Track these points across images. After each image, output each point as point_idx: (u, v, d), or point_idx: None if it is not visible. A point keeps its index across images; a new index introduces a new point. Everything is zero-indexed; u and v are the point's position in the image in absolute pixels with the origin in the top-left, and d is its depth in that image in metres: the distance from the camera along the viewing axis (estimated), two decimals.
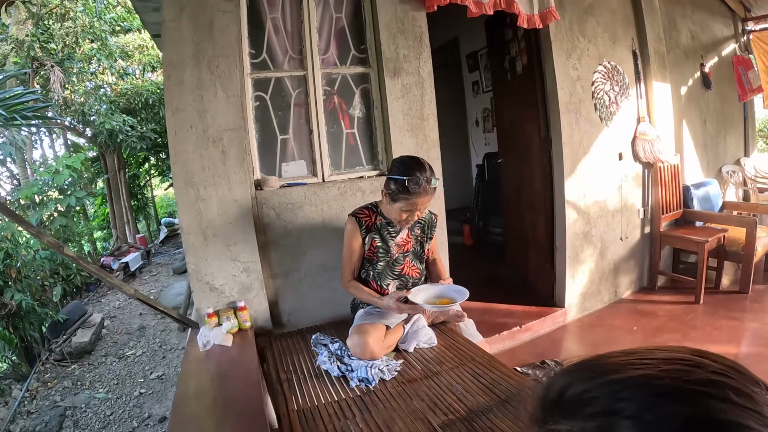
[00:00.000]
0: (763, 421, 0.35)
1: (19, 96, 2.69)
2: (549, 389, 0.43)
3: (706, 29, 4.52)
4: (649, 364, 0.40)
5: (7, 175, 8.89)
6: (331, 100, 2.80)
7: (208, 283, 2.47)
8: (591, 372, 0.42)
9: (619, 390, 0.39)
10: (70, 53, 7.23)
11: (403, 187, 2.00)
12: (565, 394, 0.41)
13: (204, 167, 2.41)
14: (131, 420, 3.88)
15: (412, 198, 2.01)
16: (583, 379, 0.41)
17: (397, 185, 2.02)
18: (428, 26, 2.90)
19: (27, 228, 2.44)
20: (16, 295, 4.88)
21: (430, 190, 2.03)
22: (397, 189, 2.03)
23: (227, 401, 1.76)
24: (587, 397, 0.40)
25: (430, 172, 2.04)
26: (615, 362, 0.42)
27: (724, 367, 0.39)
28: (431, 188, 2.03)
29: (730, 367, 0.39)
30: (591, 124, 3.48)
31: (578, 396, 0.41)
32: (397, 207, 2.06)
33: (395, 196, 2.05)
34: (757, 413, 0.36)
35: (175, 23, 2.37)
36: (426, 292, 2.15)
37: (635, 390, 0.38)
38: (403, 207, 2.05)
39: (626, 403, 0.37)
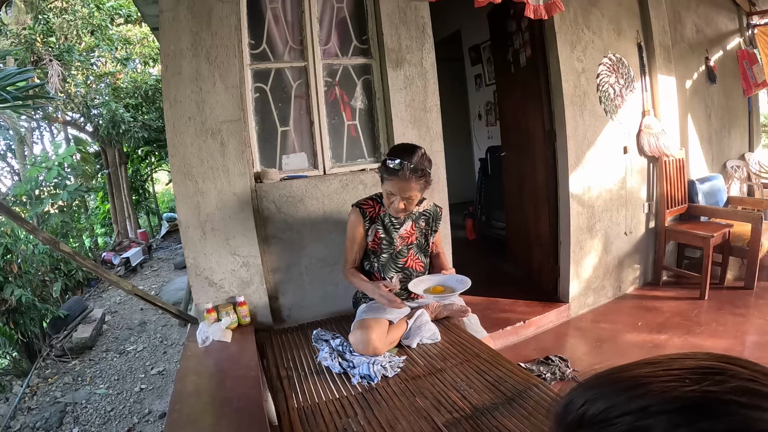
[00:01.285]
0: None
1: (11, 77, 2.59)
2: (568, 408, 0.40)
3: (710, 23, 4.47)
4: (674, 375, 0.37)
5: (8, 170, 8.88)
6: (333, 91, 2.75)
7: (207, 278, 2.43)
8: (613, 387, 0.39)
9: (646, 406, 0.35)
10: (70, 46, 7.18)
11: (386, 166, 2.02)
12: (587, 413, 0.38)
13: (203, 159, 2.37)
14: (132, 416, 3.86)
15: (391, 179, 2.01)
16: (606, 396, 0.38)
17: (382, 165, 2.05)
18: (430, 19, 2.85)
19: (22, 224, 2.41)
20: (16, 291, 4.87)
21: (413, 178, 1.99)
22: (382, 168, 2.06)
23: (226, 399, 1.72)
24: (612, 416, 0.36)
25: (421, 160, 2.01)
26: (638, 375, 0.39)
27: (754, 374, 0.36)
28: (415, 176, 1.99)
29: (758, 372, 0.36)
30: (596, 117, 3.44)
31: (601, 414, 0.37)
32: (384, 189, 2.08)
33: (381, 176, 2.07)
34: None
35: (173, 13, 2.33)
36: (427, 282, 2.12)
37: (663, 405, 0.35)
38: (387, 188, 2.05)
39: (655, 419, 0.34)
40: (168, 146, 2.37)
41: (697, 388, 0.35)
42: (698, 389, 0.35)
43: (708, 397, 0.34)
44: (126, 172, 8.76)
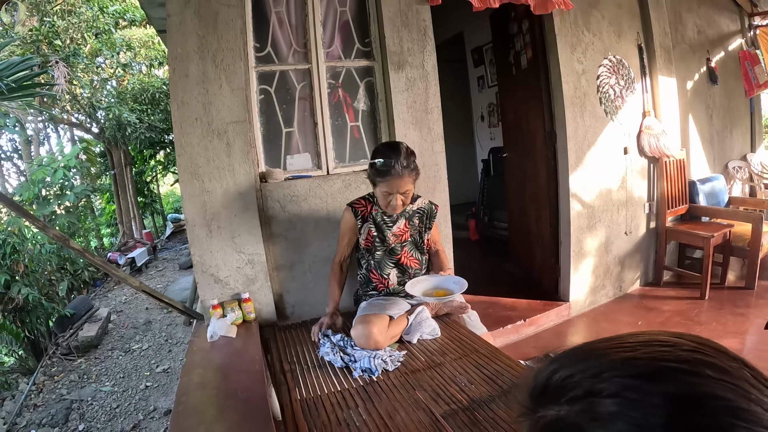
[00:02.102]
0: (739, 392, 0.36)
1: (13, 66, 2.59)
2: (536, 377, 0.44)
3: (712, 24, 4.49)
4: (628, 346, 0.42)
5: (15, 171, 8.98)
6: (336, 93, 2.80)
7: (212, 275, 2.49)
8: (575, 358, 0.43)
9: (600, 372, 0.40)
10: (75, 49, 7.26)
11: (376, 169, 2.08)
12: (551, 380, 0.42)
13: (209, 159, 2.42)
14: (137, 413, 3.91)
15: (385, 179, 2.07)
16: (567, 365, 0.42)
17: (372, 169, 2.11)
18: (433, 21, 2.90)
19: (33, 222, 2.47)
20: (23, 290, 4.92)
21: (405, 173, 2.07)
22: (372, 172, 2.12)
23: (230, 392, 1.77)
24: (571, 382, 0.41)
25: (407, 155, 2.09)
26: (597, 347, 0.43)
27: (699, 345, 0.40)
28: (405, 170, 2.06)
29: (705, 345, 0.40)
30: (596, 118, 3.48)
31: (562, 381, 0.42)
32: (378, 191, 2.13)
33: (373, 180, 2.13)
34: (733, 385, 0.37)
35: (180, 17, 2.38)
36: (424, 283, 2.17)
37: (615, 371, 0.39)
38: (382, 190, 2.11)
39: (607, 383, 0.38)
40: (175, 146, 2.42)
41: (644, 357, 0.39)
42: (646, 357, 0.39)
43: (655, 364, 0.38)
44: (131, 173, 8.83)
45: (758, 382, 0.38)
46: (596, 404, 0.38)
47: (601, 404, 0.38)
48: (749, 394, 0.36)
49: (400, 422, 1.56)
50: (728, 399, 0.36)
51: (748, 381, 0.37)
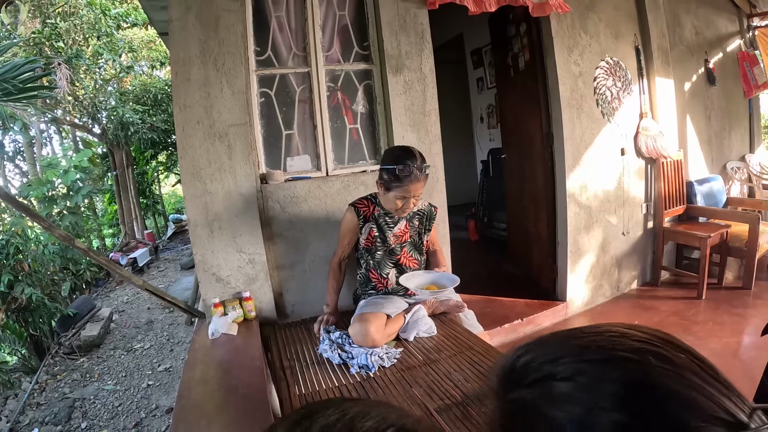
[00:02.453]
0: (682, 380, 0.40)
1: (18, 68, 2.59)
2: (504, 363, 0.49)
3: (710, 25, 4.52)
4: (584, 335, 0.46)
5: (17, 172, 9.04)
6: (335, 96, 2.85)
7: (214, 274, 2.53)
8: (537, 345, 0.48)
9: (557, 357, 0.44)
10: (78, 50, 7.32)
11: (394, 175, 2.07)
12: (516, 365, 0.47)
13: (210, 161, 2.47)
14: (139, 411, 3.95)
15: (404, 185, 2.08)
16: (531, 351, 0.47)
17: (389, 174, 2.10)
18: (432, 23, 2.94)
19: (39, 221, 2.51)
20: (26, 290, 4.97)
21: (422, 177, 2.10)
22: (390, 178, 2.10)
23: (231, 387, 1.82)
24: (532, 366, 0.45)
25: (421, 159, 2.11)
26: (558, 335, 0.48)
27: (648, 337, 0.44)
28: (422, 175, 2.10)
29: (655, 336, 0.44)
30: (593, 119, 3.51)
31: (525, 365, 0.46)
32: (392, 196, 2.14)
33: (388, 185, 2.12)
34: (676, 374, 0.40)
35: (182, 22, 2.42)
36: (419, 278, 2.23)
37: (570, 357, 0.43)
38: (397, 195, 2.12)
39: (562, 367, 0.43)
40: (178, 149, 2.47)
41: (598, 345, 0.44)
42: (599, 346, 0.44)
43: (605, 352, 0.43)
44: (133, 174, 8.88)
45: (703, 371, 0.41)
46: (552, 387, 0.42)
47: (556, 387, 0.42)
48: (691, 382, 0.40)
49: None
50: (669, 386, 0.39)
51: (692, 370, 0.41)
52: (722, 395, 0.39)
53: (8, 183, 9.09)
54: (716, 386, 0.40)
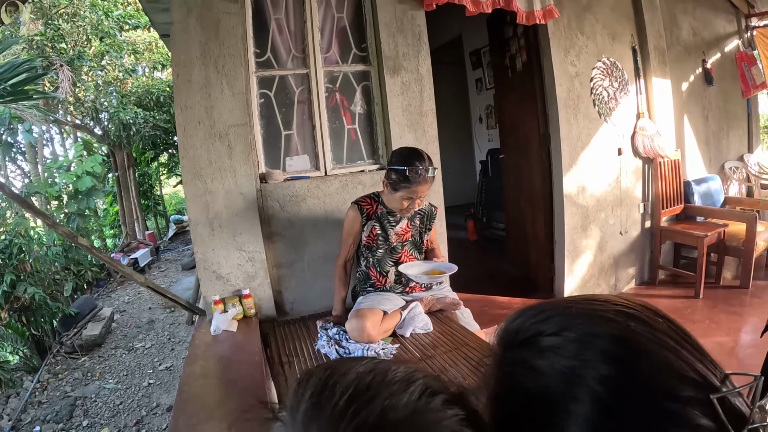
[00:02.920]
0: (659, 342, 0.44)
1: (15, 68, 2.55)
2: (501, 328, 0.54)
3: (708, 25, 4.53)
4: (572, 300, 0.51)
5: (19, 173, 9.08)
6: (333, 97, 2.89)
7: (214, 272, 2.57)
8: (530, 309, 0.52)
9: (546, 318, 0.49)
10: (80, 52, 7.36)
11: (404, 176, 2.10)
12: (510, 326, 0.52)
13: (211, 161, 2.51)
14: (140, 409, 3.98)
15: (412, 186, 2.11)
16: (524, 314, 0.52)
17: (398, 175, 2.13)
18: (432, 24, 2.99)
19: (43, 219, 2.55)
20: (29, 289, 5.00)
21: (429, 179, 2.14)
22: (398, 179, 2.13)
23: (231, 381, 1.86)
24: (524, 326, 0.50)
25: (429, 161, 2.15)
26: (550, 301, 0.53)
27: (630, 303, 0.48)
28: (430, 177, 2.14)
29: (636, 303, 0.48)
30: (590, 119, 3.54)
31: (518, 325, 0.51)
32: (399, 196, 2.17)
33: (396, 186, 2.15)
34: (654, 336, 0.44)
35: (183, 24, 2.47)
36: (418, 267, 2.29)
37: (557, 316, 0.48)
38: (404, 195, 2.15)
39: (549, 324, 0.48)
40: (179, 149, 2.51)
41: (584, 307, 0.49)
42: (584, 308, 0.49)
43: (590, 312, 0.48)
44: (134, 175, 8.92)
45: (679, 336, 0.45)
46: (540, 341, 0.47)
47: (544, 341, 0.47)
48: (667, 344, 0.44)
49: None
50: (646, 345, 0.43)
51: (668, 334, 0.45)
52: (695, 359, 0.43)
53: (10, 183, 9.13)
54: (690, 350, 0.44)
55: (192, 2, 2.48)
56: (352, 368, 0.46)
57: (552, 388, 0.44)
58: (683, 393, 0.41)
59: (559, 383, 0.44)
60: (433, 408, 0.43)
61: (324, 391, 0.43)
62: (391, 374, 0.45)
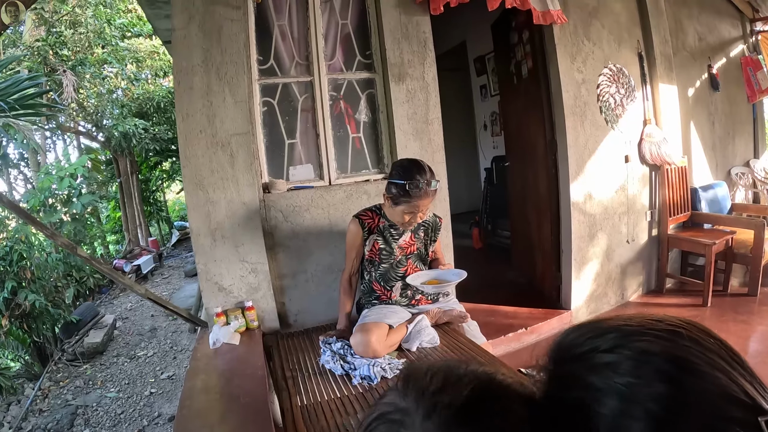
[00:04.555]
0: (708, 360, 0.45)
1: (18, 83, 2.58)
2: (554, 342, 0.54)
3: (713, 30, 4.51)
4: (626, 317, 0.52)
5: (21, 179, 9.07)
6: (338, 104, 2.85)
7: (216, 284, 2.53)
8: (584, 325, 0.53)
9: (600, 334, 0.49)
10: (82, 59, 7.37)
11: (404, 190, 2.05)
12: (563, 343, 0.52)
13: (213, 171, 2.48)
14: (141, 419, 3.94)
15: (413, 200, 2.06)
16: (577, 330, 0.52)
17: (398, 189, 2.08)
18: (435, 31, 2.95)
19: (42, 230, 2.52)
20: (30, 296, 4.98)
21: (431, 192, 2.09)
22: (398, 192, 2.08)
23: (233, 396, 1.82)
24: (578, 342, 0.51)
25: (430, 174, 2.09)
26: (602, 318, 0.53)
27: (680, 322, 0.49)
28: (431, 190, 2.08)
29: (685, 322, 0.50)
30: (596, 126, 3.50)
31: (571, 342, 0.51)
32: (399, 210, 2.11)
33: (397, 200, 2.10)
34: (704, 354, 0.45)
35: (185, 31, 2.44)
36: (424, 276, 2.23)
37: (612, 333, 0.49)
38: (405, 210, 2.10)
39: (605, 342, 0.48)
40: (180, 158, 2.48)
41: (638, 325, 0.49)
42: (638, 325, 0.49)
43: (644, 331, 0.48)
44: (137, 181, 8.91)
45: (729, 357, 0.46)
46: (595, 357, 0.48)
47: (598, 357, 0.47)
48: (717, 364, 0.45)
49: None
50: (697, 364, 0.44)
51: (719, 354, 0.46)
52: (745, 380, 0.44)
53: (13, 189, 9.12)
54: (741, 372, 0.45)
55: (194, 9, 2.45)
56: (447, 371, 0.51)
57: (606, 404, 0.45)
58: (733, 414, 0.42)
59: (613, 399, 0.45)
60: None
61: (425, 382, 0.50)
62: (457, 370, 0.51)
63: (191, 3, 2.45)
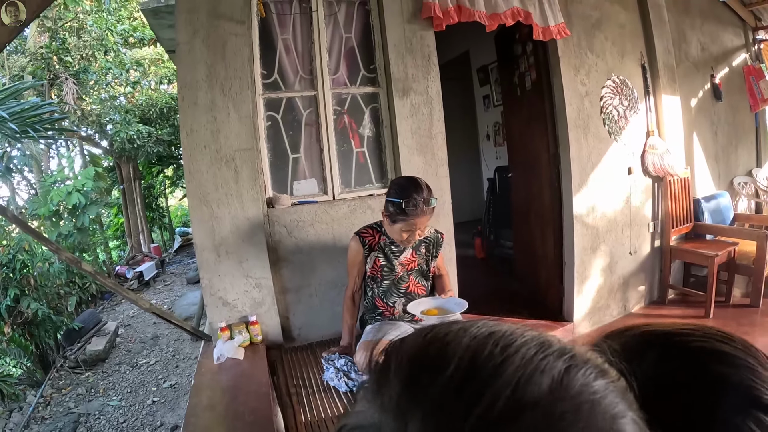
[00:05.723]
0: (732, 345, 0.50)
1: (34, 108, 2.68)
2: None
3: (716, 40, 4.51)
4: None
5: (25, 185, 9.08)
6: (342, 119, 2.86)
7: (220, 298, 2.54)
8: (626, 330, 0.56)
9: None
10: (86, 66, 7.40)
11: (401, 209, 2.05)
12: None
13: (217, 186, 2.48)
14: (144, 428, 3.95)
15: (410, 218, 2.06)
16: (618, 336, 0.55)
17: (395, 207, 2.07)
18: (438, 40, 2.95)
19: (47, 244, 2.53)
20: (32, 304, 5.00)
21: (428, 210, 2.08)
22: (395, 211, 2.08)
23: (238, 413, 1.82)
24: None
25: (428, 191, 2.09)
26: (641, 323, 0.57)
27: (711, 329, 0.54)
28: (429, 209, 2.08)
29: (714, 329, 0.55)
30: (599, 139, 3.50)
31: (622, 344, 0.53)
32: (397, 228, 2.11)
33: (394, 218, 2.10)
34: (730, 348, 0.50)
35: (189, 45, 2.45)
36: (426, 304, 2.22)
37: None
38: (402, 228, 2.10)
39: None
40: (185, 173, 2.49)
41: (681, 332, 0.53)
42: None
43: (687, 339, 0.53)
44: (140, 187, 8.93)
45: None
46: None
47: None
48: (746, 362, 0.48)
49: None
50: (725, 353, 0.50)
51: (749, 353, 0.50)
52: None
53: (16, 194, 9.13)
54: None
55: (198, 23, 2.46)
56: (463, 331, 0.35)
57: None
58: None
59: None
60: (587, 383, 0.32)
61: (427, 363, 0.33)
62: (518, 337, 0.35)
63: (195, 17, 2.45)
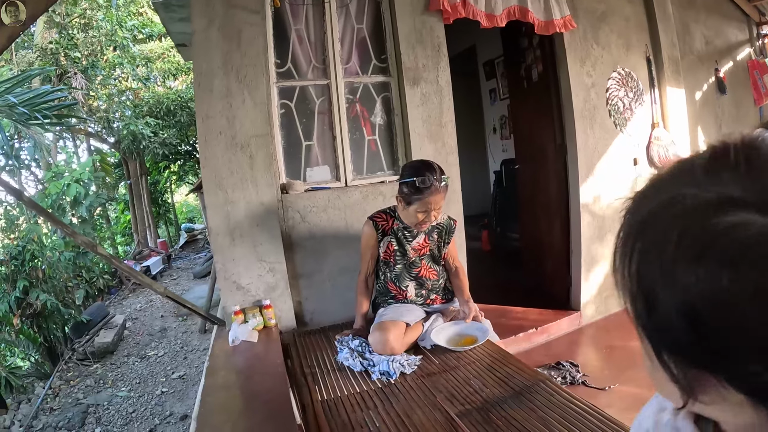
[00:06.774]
0: None
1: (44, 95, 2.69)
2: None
3: (720, 34, 4.54)
4: None
5: (32, 180, 9.14)
6: (354, 107, 2.91)
7: (234, 282, 2.58)
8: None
9: None
10: (94, 62, 7.45)
11: (415, 187, 2.08)
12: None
13: (232, 171, 2.52)
14: (153, 417, 3.98)
15: (424, 197, 2.08)
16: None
17: (409, 187, 2.10)
18: (446, 34, 3.00)
19: (63, 228, 2.57)
20: (41, 296, 5.03)
21: (442, 188, 2.10)
22: (410, 191, 2.10)
23: (254, 393, 1.87)
24: None
25: (440, 171, 2.12)
26: None
27: None
28: (442, 186, 2.10)
29: None
30: (605, 130, 3.54)
31: None
32: (413, 209, 2.13)
33: (409, 199, 2.12)
34: None
35: (205, 34, 2.49)
36: (448, 330, 2.26)
37: None
38: (418, 208, 2.11)
39: None
40: (200, 158, 2.53)
41: None
42: None
43: None
44: (147, 183, 8.99)
45: None
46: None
47: None
48: None
49: (417, 421, 1.63)
50: None
51: None
52: None
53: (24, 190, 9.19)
54: None
55: (213, 13, 2.50)
56: None
57: None
58: None
59: None
60: None
61: None
62: None
63: (210, 7, 2.50)
